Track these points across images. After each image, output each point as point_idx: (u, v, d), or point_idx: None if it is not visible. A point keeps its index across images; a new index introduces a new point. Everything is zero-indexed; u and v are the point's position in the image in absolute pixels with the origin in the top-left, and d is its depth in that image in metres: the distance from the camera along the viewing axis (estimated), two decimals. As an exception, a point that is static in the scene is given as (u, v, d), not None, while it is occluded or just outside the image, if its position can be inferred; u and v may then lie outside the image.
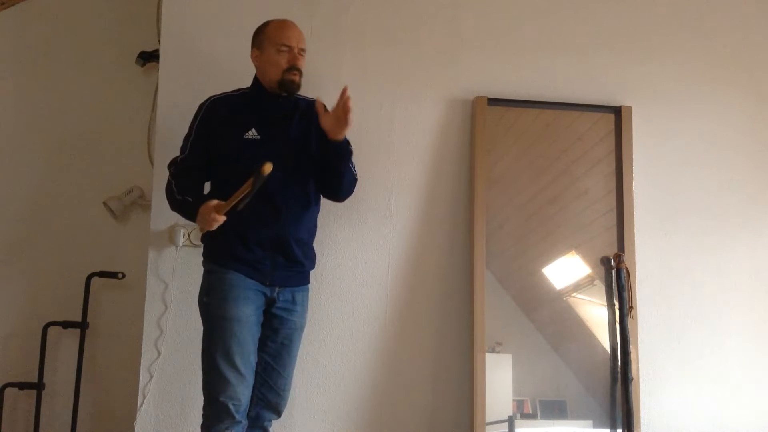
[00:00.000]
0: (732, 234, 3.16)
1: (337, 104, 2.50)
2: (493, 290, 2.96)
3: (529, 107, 3.10)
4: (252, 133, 2.57)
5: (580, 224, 3.07)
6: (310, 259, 2.68)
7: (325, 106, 2.57)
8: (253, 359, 2.53)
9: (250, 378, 2.51)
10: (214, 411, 2.48)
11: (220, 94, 2.66)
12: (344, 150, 2.60)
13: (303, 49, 2.62)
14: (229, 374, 2.45)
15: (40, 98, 3.44)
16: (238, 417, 2.48)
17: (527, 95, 3.11)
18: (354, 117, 2.49)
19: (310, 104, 2.67)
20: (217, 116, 2.60)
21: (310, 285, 2.70)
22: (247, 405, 2.53)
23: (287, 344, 2.61)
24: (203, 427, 2.52)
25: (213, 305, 2.52)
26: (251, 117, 2.60)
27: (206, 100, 2.64)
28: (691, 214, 3.14)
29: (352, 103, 2.48)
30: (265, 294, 2.55)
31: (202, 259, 2.63)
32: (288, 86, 2.58)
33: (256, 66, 2.64)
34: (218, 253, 2.55)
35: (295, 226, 2.60)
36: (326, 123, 2.53)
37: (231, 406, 2.46)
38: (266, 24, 2.65)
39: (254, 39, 2.65)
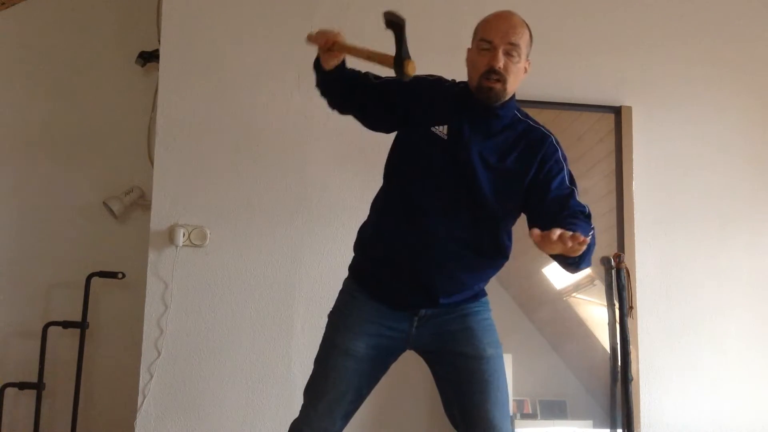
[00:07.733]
0: (732, 234, 3.16)
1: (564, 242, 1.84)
2: (493, 290, 2.95)
3: (529, 107, 3.07)
4: (441, 130, 2.07)
5: (580, 224, 3.06)
6: None
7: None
8: None
9: None
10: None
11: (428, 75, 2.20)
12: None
13: (513, 44, 2.01)
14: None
15: (40, 98, 3.43)
16: None
17: (527, 95, 3.10)
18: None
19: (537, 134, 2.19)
20: (420, 93, 2.12)
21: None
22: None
23: None
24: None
25: None
26: (453, 114, 2.09)
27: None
28: (690, 215, 3.15)
29: None
30: None
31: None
32: (484, 94, 2.03)
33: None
34: None
35: None
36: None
37: None
38: None
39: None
